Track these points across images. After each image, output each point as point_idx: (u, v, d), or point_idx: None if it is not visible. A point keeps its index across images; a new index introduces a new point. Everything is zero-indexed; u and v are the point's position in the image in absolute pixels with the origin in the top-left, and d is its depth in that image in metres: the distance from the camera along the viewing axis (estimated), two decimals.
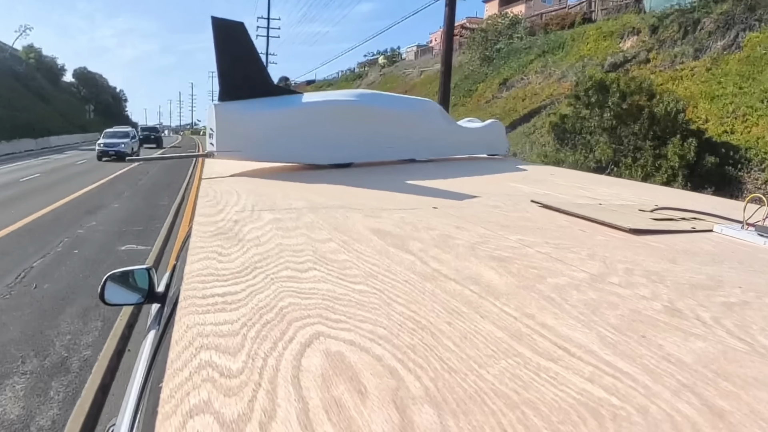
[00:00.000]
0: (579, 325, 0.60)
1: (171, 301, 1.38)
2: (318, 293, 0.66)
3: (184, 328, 0.54)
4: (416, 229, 1.06)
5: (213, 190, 1.47)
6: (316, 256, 0.83)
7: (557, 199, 1.58)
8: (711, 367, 0.51)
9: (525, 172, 2.43)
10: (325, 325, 0.56)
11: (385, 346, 0.52)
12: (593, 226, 1.20)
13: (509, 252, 0.91)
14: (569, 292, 0.71)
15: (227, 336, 0.53)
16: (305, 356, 0.49)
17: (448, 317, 0.60)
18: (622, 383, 0.47)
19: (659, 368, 0.50)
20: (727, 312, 0.67)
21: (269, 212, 1.16)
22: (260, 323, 0.56)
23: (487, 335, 0.56)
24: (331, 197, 1.42)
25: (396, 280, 0.73)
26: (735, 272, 0.87)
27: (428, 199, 1.47)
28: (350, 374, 0.46)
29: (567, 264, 0.86)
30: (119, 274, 1.81)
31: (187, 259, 0.82)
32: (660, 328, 0.60)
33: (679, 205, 1.50)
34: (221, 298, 0.63)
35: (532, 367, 0.49)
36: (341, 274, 0.74)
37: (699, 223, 1.27)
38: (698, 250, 1.01)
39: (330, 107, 2.19)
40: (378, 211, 1.24)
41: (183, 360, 0.48)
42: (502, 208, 1.38)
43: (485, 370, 0.48)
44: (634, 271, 0.84)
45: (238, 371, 0.46)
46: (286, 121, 2.00)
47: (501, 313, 0.63)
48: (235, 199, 1.32)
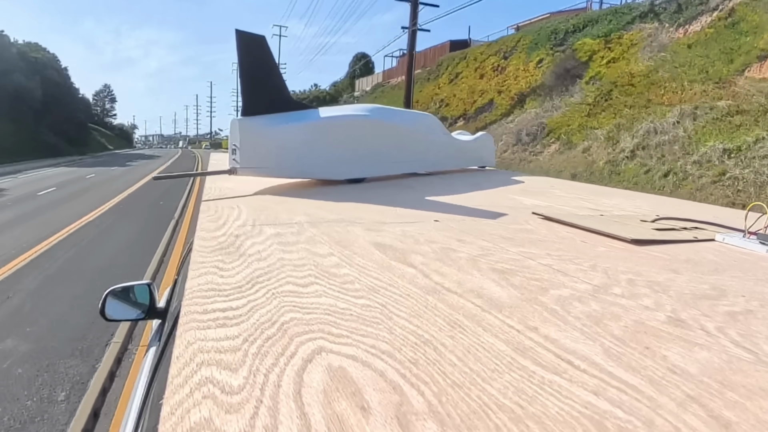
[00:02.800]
0: (583, 337, 0.59)
1: (172, 317, 1.37)
2: (320, 308, 0.66)
3: (185, 343, 0.54)
4: (418, 243, 1.06)
5: (214, 205, 1.47)
6: (318, 270, 0.83)
7: (558, 210, 1.58)
8: (716, 378, 0.51)
9: (524, 184, 2.43)
10: (327, 340, 0.56)
11: (388, 360, 0.51)
12: (595, 237, 1.19)
13: (511, 264, 0.91)
14: (572, 304, 0.71)
15: (228, 352, 0.52)
16: (307, 372, 0.49)
17: (451, 331, 0.60)
18: (627, 395, 0.46)
19: (664, 380, 0.50)
20: (731, 321, 0.67)
21: (270, 227, 1.16)
22: (261, 339, 0.56)
23: (490, 349, 0.55)
24: (332, 211, 1.42)
25: (398, 293, 0.73)
26: (738, 281, 0.87)
27: (429, 213, 1.47)
28: (353, 390, 0.46)
29: (569, 276, 0.85)
30: (120, 289, 1.81)
31: (188, 274, 0.82)
32: (664, 338, 0.60)
33: (680, 214, 1.50)
34: (222, 314, 0.63)
35: (536, 381, 0.48)
36: (343, 289, 0.74)
37: (700, 232, 1.27)
38: (701, 259, 1.01)
39: (346, 122, 2.18)
40: (379, 224, 1.24)
41: (184, 376, 0.47)
42: (503, 221, 1.38)
43: (489, 384, 0.48)
44: (636, 281, 0.83)
45: (239, 387, 0.46)
46: (306, 136, 1.99)
47: (504, 326, 0.62)
48: (236, 214, 1.32)
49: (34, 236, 8.38)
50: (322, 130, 2.05)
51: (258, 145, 1.90)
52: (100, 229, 9.37)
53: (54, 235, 8.58)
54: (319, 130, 2.04)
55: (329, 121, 2.09)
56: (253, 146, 1.89)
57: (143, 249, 7.66)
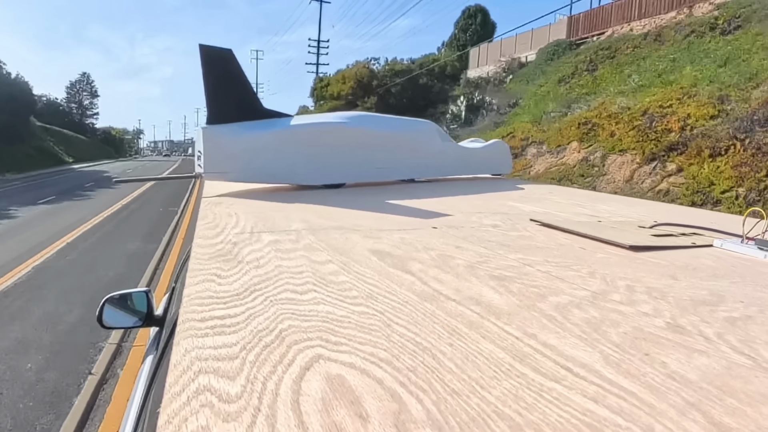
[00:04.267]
0: (582, 344, 0.59)
1: (169, 324, 1.37)
2: (318, 315, 0.65)
3: (183, 351, 0.54)
4: (416, 250, 1.05)
5: (212, 212, 1.47)
6: (316, 277, 0.83)
7: (556, 217, 1.58)
8: (716, 384, 0.50)
9: (523, 191, 2.44)
10: (325, 348, 0.55)
11: (386, 368, 0.51)
12: (593, 243, 1.19)
13: (510, 271, 0.91)
14: (571, 311, 0.71)
15: (226, 360, 0.52)
16: (305, 380, 0.48)
17: (449, 338, 0.60)
18: (627, 402, 0.46)
19: (664, 386, 0.49)
20: (730, 327, 0.67)
21: (268, 234, 1.16)
22: (259, 346, 0.55)
23: (489, 356, 0.55)
24: (331, 218, 1.42)
25: (396, 301, 0.73)
26: (736, 287, 0.87)
27: (427, 219, 1.47)
28: (351, 398, 0.45)
29: (568, 282, 0.85)
30: (117, 296, 1.80)
31: (186, 281, 0.82)
32: (663, 345, 0.60)
33: (678, 220, 1.50)
34: (220, 321, 0.62)
35: (535, 388, 0.48)
36: (341, 296, 0.74)
37: (699, 238, 1.27)
38: (699, 265, 1.01)
39: (316, 129, 2.27)
40: (377, 231, 1.24)
41: (181, 384, 0.47)
42: (501, 227, 1.38)
43: (488, 392, 0.47)
44: (635, 288, 0.83)
45: (236, 396, 0.45)
46: (271, 143, 2.07)
47: (502, 333, 0.62)
48: (234, 221, 1.32)
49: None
50: (290, 138, 2.13)
51: (221, 151, 2.00)
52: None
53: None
54: (284, 137, 2.11)
55: (298, 129, 2.18)
56: (217, 153, 2.00)
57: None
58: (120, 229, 10.22)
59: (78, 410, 3.42)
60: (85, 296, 5.60)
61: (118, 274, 6.62)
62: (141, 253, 7.81)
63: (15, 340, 4.48)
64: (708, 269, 0.98)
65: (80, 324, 4.83)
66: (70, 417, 3.34)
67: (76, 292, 5.80)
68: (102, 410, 3.47)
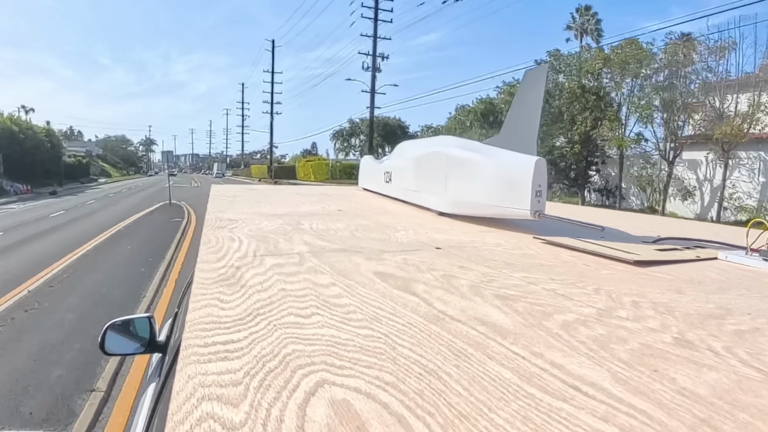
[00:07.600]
0: (589, 362, 0.58)
1: (172, 351, 1.35)
2: (322, 339, 0.65)
3: (186, 378, 0.53)
4: (419, 271, 1.05)
5: (215, 236, 1.47)
6: (319, 300, 0.82)
7: (558, 234, 1.58)
8: (726, 399, 0.50)
9: None
10: (329, 372, 0.55)
11: (392, 392, 0.51)
12: (597, 259, 1.19)
13: (514, 290, 0.91)
14: (577, 329, 0.70)
15: (229, 386, 0.52)
16: (310, 405, 0.48)
17: (455, 360, 0.59)
18: (637, 420, 0.45)
19: (673, 403, 0.49)
20: (738, 340, 0.66)
21: (271, 257, 1.16)
22: (263, 372, 0.55)
23: (495, 377, 0.54)
24: (333, 240, 1.42)
25: (401, 323, 0.72)
26: (743, 299, 0.86)
27: (430, 240, 1.47)
28: (357, 424, 0.45)
29: (573, 300, 0.85)
30: (120, 323, 1.79)
31: (188, 306, 0.82)
32: (672, 360, 0.59)
33: (681, 233, 1.50)
34: (223, 347, 0.62)
35: (543, 409, 0.48)
36: (345, 319, 0.73)
37: (703, 251, 1.27)
38: (704, 278, 1.01)
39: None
40: (380, 253, 1.24)
41: (184, 412, 0.47)
42: (504, 246, 1.38)
43: (495, 414, 0.47)
44: (641, 303, 0.83)
45: (240, 423, 0.45)
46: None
47: (509, 353, 0.61)
48: (237, 245, 1.32)
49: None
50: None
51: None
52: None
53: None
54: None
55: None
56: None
57: None
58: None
59: None
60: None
61: None
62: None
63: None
64: (713, 282, 0.98)
65: None
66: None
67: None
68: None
